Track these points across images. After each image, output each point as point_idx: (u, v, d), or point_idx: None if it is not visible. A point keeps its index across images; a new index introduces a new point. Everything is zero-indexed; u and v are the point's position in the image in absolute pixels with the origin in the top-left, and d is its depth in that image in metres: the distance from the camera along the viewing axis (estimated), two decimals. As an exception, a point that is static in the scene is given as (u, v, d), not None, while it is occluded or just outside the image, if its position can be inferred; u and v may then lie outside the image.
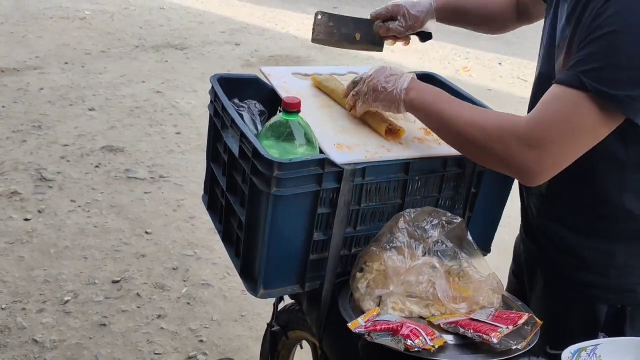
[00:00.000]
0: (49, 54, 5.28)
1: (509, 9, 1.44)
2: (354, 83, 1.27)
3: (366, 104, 1.23)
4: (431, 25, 1.43)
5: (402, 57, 5.59)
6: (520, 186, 1.31)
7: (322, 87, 1.39)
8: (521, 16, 1.44)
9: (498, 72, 5.78)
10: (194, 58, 5.49)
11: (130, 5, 7.05)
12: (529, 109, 1.27)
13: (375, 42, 1.47)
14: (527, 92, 1.29)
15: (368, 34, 1.45)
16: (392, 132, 1.25)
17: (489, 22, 1.48)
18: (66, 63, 5.10)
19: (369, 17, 1.46)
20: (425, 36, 1.46)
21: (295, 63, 5.54)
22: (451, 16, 1.44)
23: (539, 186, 1.14)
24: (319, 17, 1.41)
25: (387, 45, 1.49)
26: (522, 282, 1.35)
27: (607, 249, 1.16)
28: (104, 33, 5.97)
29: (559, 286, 1.24)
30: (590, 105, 0.98)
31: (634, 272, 1.16)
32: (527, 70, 5.74)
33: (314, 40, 1.41)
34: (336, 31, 1.41)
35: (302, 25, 6.72)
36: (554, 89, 1.03)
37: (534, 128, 1.03)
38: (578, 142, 1.03)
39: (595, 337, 1.10)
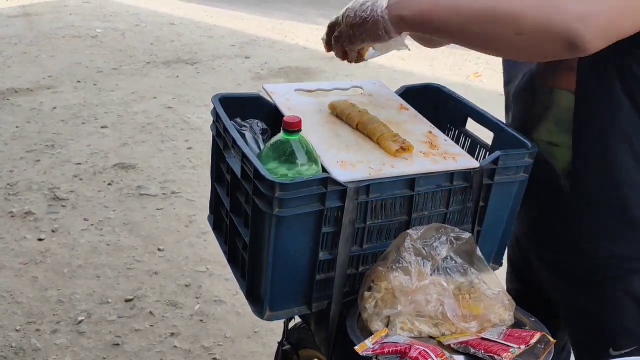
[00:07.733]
0: (61, 73, 5.34)
1: None
2: (331, 27, 1.19)
3: (353, 44, 1.15)
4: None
5: (412, 65, 5.57)
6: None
7: (339, 114, 1.34)
8: None
9: (510, 76, 5.72)
10: (205, 72, 5.52)
11: (141, 22, 7.13)
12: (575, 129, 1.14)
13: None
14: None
15: None
16: (403, 151, 1.22)
17: None
18: (79, 81, 5.16)
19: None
20: None
21: (305, 74, 5.54)
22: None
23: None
24: None
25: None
26: (527, 283, 1.33)
27: None
28: (116, 50, 6.03)
29: (596, 284, 1.19)
30: None
31: None
32: (540, 74, 5.67)
33: None
34: None
35: (311, 36, 6.73)
36: None
37: None
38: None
39: None
